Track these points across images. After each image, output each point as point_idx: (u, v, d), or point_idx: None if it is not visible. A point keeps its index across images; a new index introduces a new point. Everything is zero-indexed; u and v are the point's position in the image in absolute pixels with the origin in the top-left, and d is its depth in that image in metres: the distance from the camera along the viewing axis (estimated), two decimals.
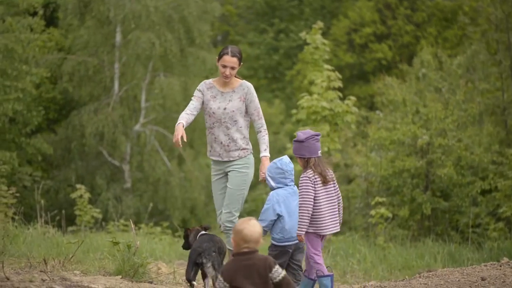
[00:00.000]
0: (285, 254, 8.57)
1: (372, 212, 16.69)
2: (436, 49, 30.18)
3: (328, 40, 19.05)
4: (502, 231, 16.76)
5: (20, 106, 23.09)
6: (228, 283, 6.14)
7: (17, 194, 16.52)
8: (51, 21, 29.93)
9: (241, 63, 8.54)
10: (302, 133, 7.99)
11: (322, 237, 8.02)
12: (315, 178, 7.86)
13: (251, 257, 6.16)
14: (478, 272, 9.18)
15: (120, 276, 8.26)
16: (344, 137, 25.88)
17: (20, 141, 24.59)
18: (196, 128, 27.86)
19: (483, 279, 8.77)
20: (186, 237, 8.64)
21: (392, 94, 22.48)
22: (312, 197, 7.83)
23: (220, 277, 6.20)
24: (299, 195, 7.91)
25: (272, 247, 8.54)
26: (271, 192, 8.39)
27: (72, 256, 9.53)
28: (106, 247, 12.48)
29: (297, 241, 8.22)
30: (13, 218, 15.07)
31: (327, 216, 7.94)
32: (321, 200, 7.91)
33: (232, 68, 8.44)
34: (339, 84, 17.95)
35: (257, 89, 8.84)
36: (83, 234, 16.33)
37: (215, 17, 32.39)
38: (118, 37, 28.26)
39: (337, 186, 8.09)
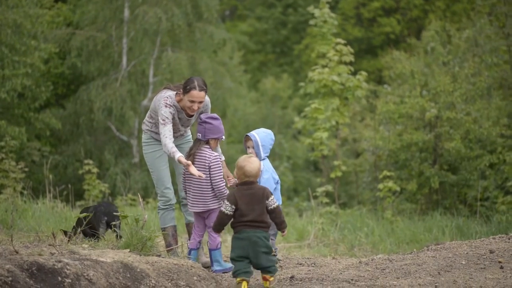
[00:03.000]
0: None
1: (380, 186, 16.71)
2: (445, 23, 30.06)
3: (336, 14, 18.95)
4: (511, 204, 16.73)
5: (28, 81, 23.10)
6: (234, 206, 7.36)
7: (26, 169, 16.61)
8: None
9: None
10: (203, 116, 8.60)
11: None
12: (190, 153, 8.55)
13: (252, 187, 7.46)
14: (487, 245, 9.18)
15: (128, 250, 8.28)
16: (352, 111, 25.87)
17: (29, 116, 24.61)
18: None
19: (491, 251, 8.78)
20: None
21: (400, 67, 22.41)
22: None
23: (226, 202, 7.42)
24: None
25: None
26: (263, 162, 8.54)
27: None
28: None
29: None
30: (21, 193, 15.17)
31: (190, 192, 8.59)
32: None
33: (200, 102, 8.49)
34: (350, 58, 17.91)
35: (265, 64, 8.86)
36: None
37: None
38: (126, 12, 28.18)
39: (211, 172, 8.41)
